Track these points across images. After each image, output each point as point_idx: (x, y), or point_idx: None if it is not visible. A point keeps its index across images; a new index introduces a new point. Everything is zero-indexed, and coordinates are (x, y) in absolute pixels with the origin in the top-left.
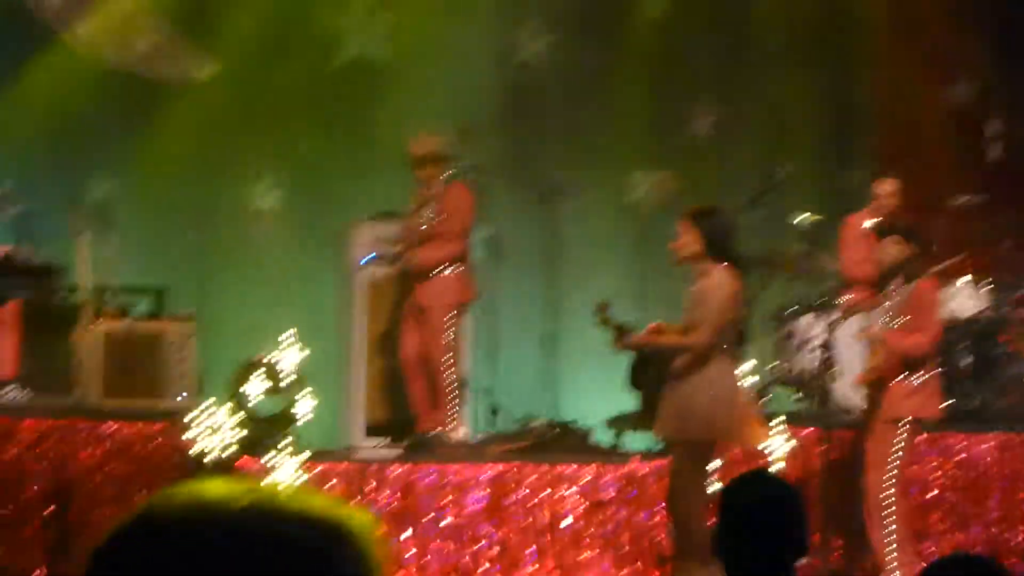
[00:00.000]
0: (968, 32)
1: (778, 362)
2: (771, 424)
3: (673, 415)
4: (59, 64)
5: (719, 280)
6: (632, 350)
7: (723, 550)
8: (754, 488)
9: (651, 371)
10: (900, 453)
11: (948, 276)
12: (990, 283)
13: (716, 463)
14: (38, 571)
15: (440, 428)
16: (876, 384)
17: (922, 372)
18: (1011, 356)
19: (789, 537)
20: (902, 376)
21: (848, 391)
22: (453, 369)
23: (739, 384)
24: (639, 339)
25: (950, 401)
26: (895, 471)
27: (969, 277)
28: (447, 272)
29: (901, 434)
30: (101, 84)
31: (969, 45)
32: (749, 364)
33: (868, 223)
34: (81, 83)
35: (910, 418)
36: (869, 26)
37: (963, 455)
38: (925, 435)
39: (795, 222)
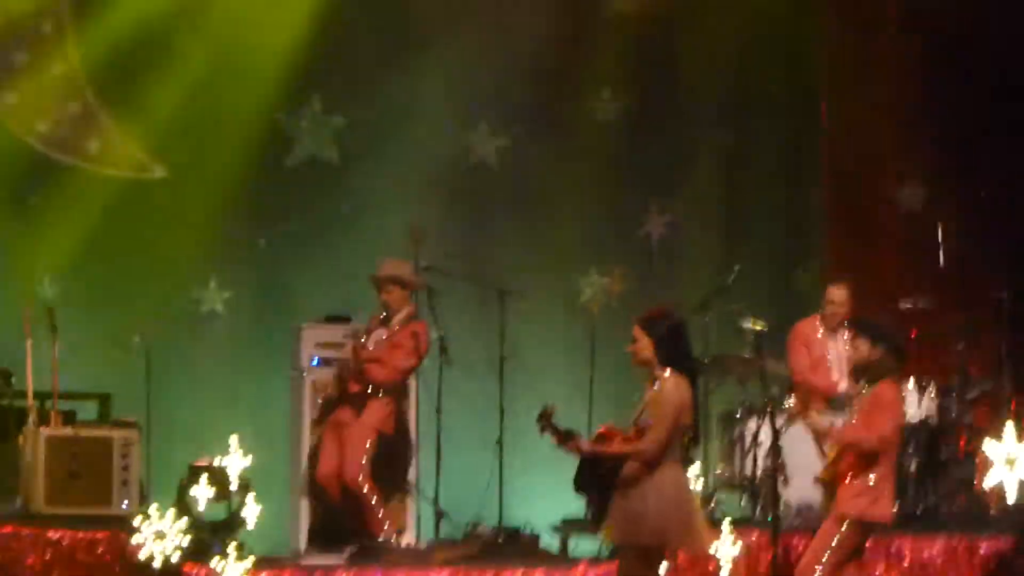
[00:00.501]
0: (917, 137)
1: (726, 466)
2: (719, 529)
3: (623, 520)
4: (17, 159)
5: (671, 385)
6: (578, 455)
7: None
8: None
9: (597, 476)
10: (839, 549)
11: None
12: (937, 386)
13: (664, 568)
14: None
15: (387, 535)
16: (831, 484)
17: (873, 473)
18: (958, 460)
19: None
20: (853, 475)
21: (796, 494)
22: (368, 484)
23: (689, 489)
24: (588, 447)
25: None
26: (829, 567)
27: (913, 381)
28: (379, 398)
29: (845, 532)
30: (53, 181)
31: (918, 150)
32: (697, 468)
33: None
34: (27, 179)
35: (856, 516)
36: (820, 130)
37: (910, 559)
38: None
39: (744, 326)
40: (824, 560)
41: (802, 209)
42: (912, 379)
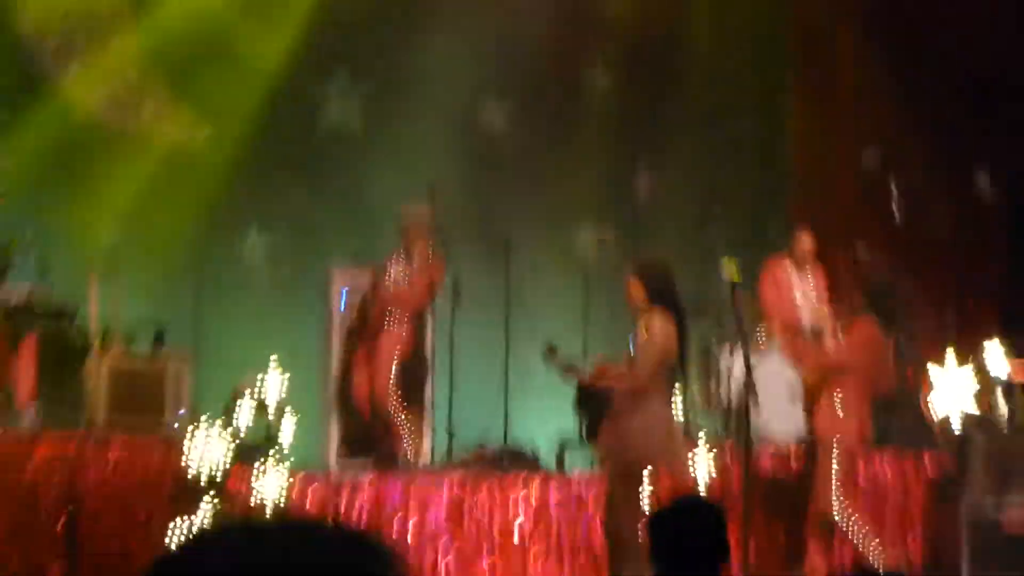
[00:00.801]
0: (874, 105)
1: (703, 393)
2: (696, 447)
3: (614, 440)
4: (71, 121)
5: (659, 325)
6: (578, 384)
7: (658, 562)
8: (683, 508)
9: (592, 401)
10: (833, 468)
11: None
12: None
13: (647, 481)
14: (52, 571)
15: (407, 449)
16: (811, 408)
17: (843, 398)
18: (907, 384)
19: (712, 548)
20: (830, 401)
21: (766, 418)
22: (399, 403)
23: (671, 415)
24: (588, 376)
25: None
26: (832, 484)
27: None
28: (402, 326)
29: (830, 453)
30: (112, 140)
31: (877, 113)
32: (680, 395)
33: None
34: (90, 143)
35: (836, 438)
36: (789, 97)
37: (863, 472)
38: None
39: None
40: (830, 483)
41: (773, 167)
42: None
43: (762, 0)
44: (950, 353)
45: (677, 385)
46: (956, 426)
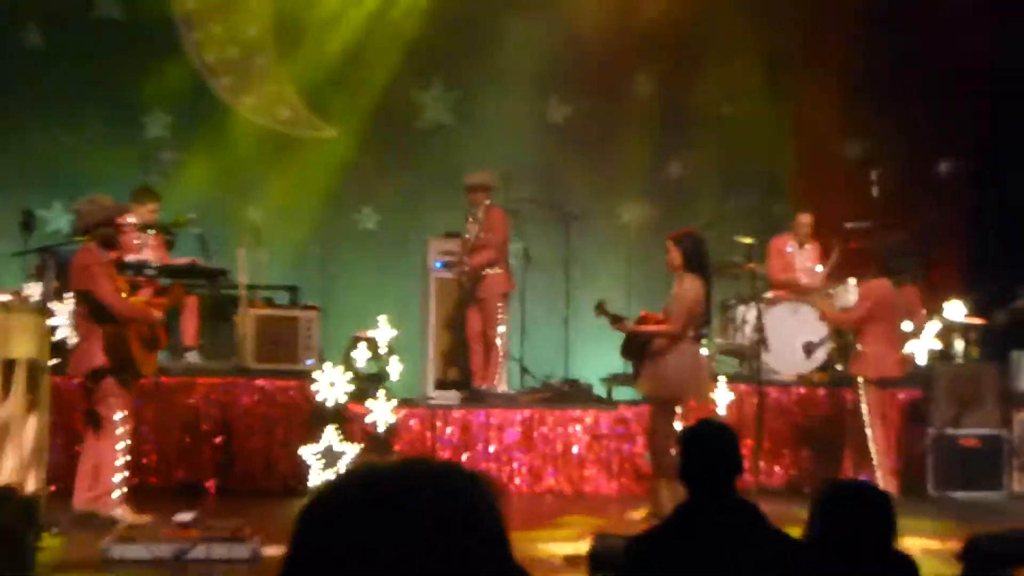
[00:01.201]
0: (861, 102)
1: (723, 338)
2: (718, 383)
3: (653, 378)
4: (228, 126)
5: (690, 284)
6: (624, 332)
7: (686, 475)
8: (706, 431)
9: (636, 346)
10: (864, 403)
11: (841, 278)
12: None
13: (680, 411)
14: (210, 483)
15: (488, 384)
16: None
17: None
18: None
19: (730, 463)
20: (858, 345)
21: (774, 357)
22: (500, 341)
23: (700, 357)
24: (632, 326)
25: (840, 366)
26: (866, 416)
27: (854, 280)
28: (493, 271)
29: (862, 390)
30: (258, 140)
31: (860, 112)
32: (706, 342)
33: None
34: (242, 139)
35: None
36: (788, 100)
37: (850, 404)
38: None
39: (737, 240)
40: (863, 415)
41: (776, 158)
42: (855, 279)
43: (768, 9)
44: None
45: (703, 333)
46: (922, 361)
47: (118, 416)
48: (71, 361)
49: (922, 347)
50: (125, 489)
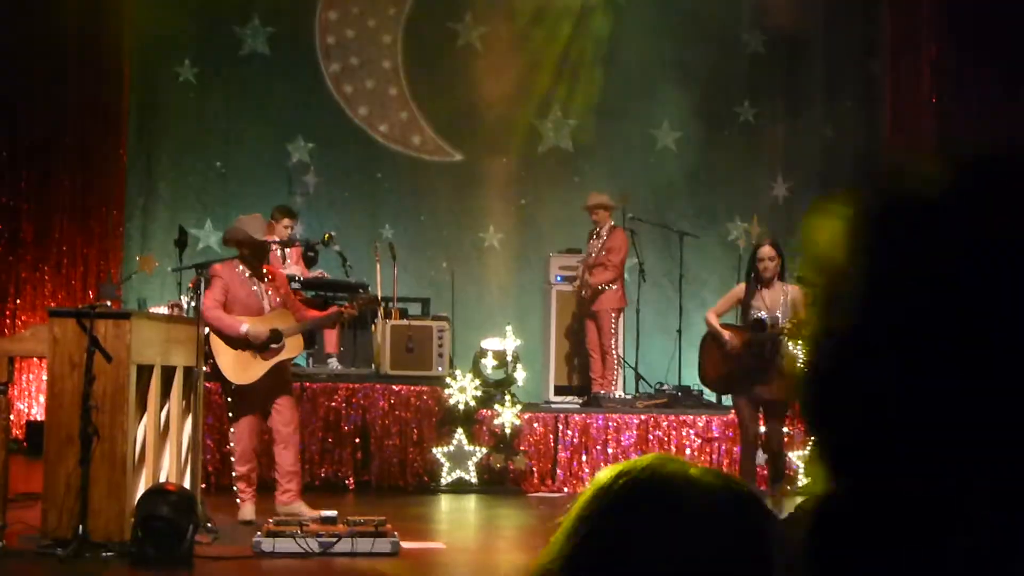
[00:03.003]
0: (950, 127)
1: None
2: None
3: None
4: (364, 151)
5: (797, 290)
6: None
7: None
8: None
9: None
10: None
11: None
12: None
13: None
14: (349, 480)
15: (605, 389)
16: None
17: None
18: None
19: None
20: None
21: None
22: (614, 351)
23: None
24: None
25: None
26: None
27: None
28: (610, 288)
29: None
30: (391, 164)
31: (950, 136)
32: None
33: None
34: (375, 163)
35: None
36: (883, 125)
37: None
38: None
39: None
40: None
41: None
42: None
43: (861, 39)
44: None
45: None
46: None
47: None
48: None
49: None
50: (240, 487)
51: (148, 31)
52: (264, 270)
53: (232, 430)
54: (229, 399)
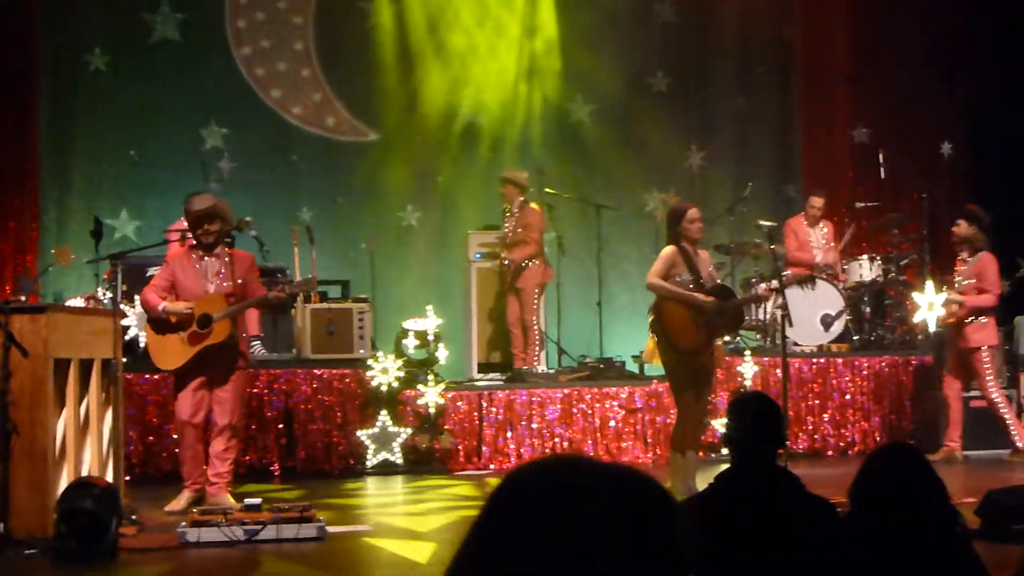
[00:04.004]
0: (867, 88)
1: (746, 315)
2: (743, 355)
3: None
4: (279, 134)
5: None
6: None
7: (733, 443)
8: (755, 403)
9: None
10: (991, 364)
11: (854, 254)
12: (881, 257)
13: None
14: (274, 466)
15: (528, 365)
16: (952, 326)
17: (985, 316)
18: (896, 305)
19: (774, 434)
20: (972, 319)
21: (796, 332)
22: (536, 326)
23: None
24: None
25: (856, 336)
26: (990, 378)
27: (866, 255)
28: (533, 264)
29: (986, 353)
30: (307, 146)
31: (865, 99)
32: None
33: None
34: (289, 145)
35: (985, 347)
36: (797, 89)
37: (867, 371)
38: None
39: (760, 223)
40: (989, 376)
41: (789, 145)
42: (865, 253)
43: (774, 7)
44: (929, 283)
45: None
46: (933, 328)
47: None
48: None
49: (932, 315)
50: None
51: (57, 21)
52: (221, 252)
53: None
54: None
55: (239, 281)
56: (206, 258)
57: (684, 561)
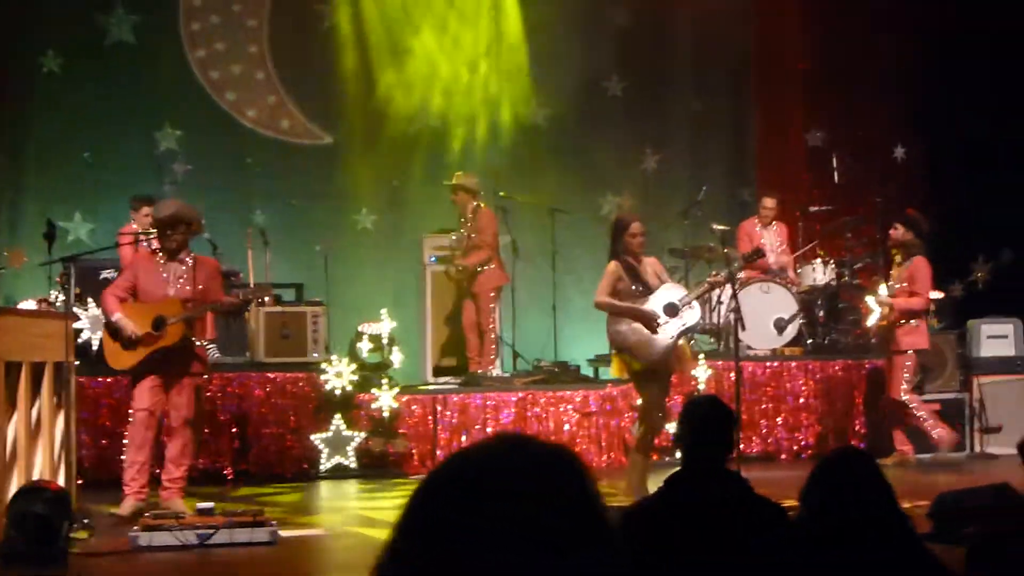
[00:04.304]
0: (821, 92)
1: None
2: (697, 359)
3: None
4: (233, 137)
5: (655, 260)
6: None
7: (684, 445)
8: (704, 407)
9: None
10: (910, 371)
11: (808, 257)
12: (835, 261)
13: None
14: (227, 470)
15: (483, 369)
16: (885, 329)
17: (915, 319)
18: (849, 309)
19: (724, 440)
20: (903, 322)
21: (749, 335)
22: (492, 330)
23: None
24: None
25: (810, 339)
26: (907, 384)
27: (819, 258)
28: (486, 268)
29: (906, 361)
30: (261, 149)
31: (821, 102)
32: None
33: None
34: (244, 148)
35: (910, 351)
36: (751, 93)
37: (820, 375)
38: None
39: (712, 227)
40: (905, 379)
41: (744, 149)
42: (819, 256)
43: (729, 11)
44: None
45: None
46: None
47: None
48: None
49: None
50: (125, 478)
51: (10, 22)
52: (185, 257)
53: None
54: None
55: (200, 287)
56: (170, 263)
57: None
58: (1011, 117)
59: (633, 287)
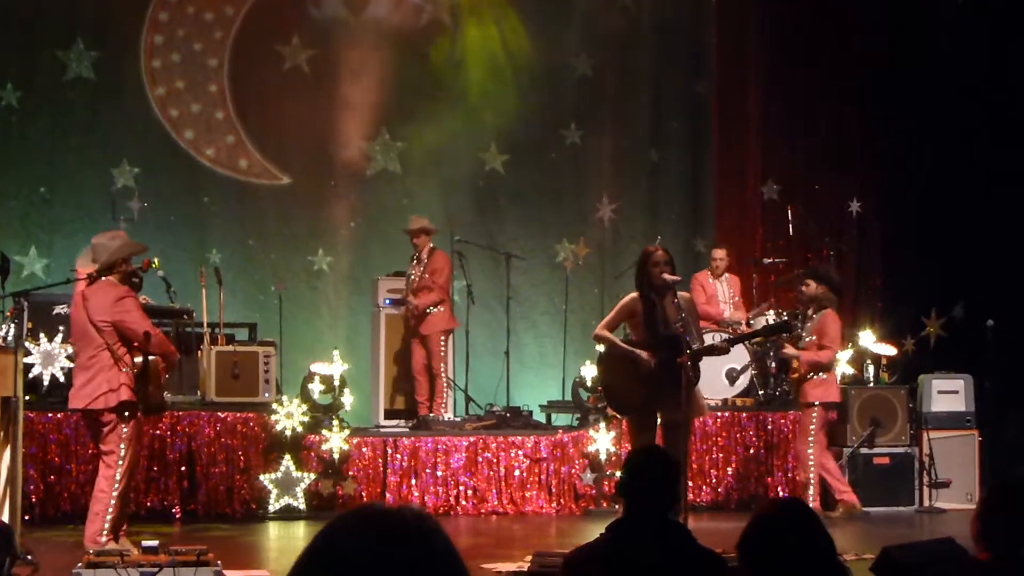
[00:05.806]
0: (773, 152)
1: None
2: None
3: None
4: (191, 175)
5: (686, 295)
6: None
7: (626, 494)
8: (646, 456)
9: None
10: (819, 424)
11: (761, 311)
12: (787, 313)
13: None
14: (176, 508)
15: (434, 412)
16: (796, 382)
17: (824, 372)
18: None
19: (668, 491)
20: (810, 376)
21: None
22: (444, 374)
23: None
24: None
25: (761, 391)
26: (811, 436)
27: (772, 312)
28: (438, 310)
29: (817, 411)
30: (217, 188)
31: (774, 160)
32: None
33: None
34: (201, 187)
35: (817, 403)
36: (711, 149)
37: (771, 426)
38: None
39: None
40: (811, 432)
41: (701, 200)
42: (771, 308)
43: (689, 63)
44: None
45: None
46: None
47: (122, 450)
48: (81, 394)
49: (837, 373)
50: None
51: None
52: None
53: (123, 464)
54: None
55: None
56: None
57: None
58: (964, 173)
59: (646, 324)
